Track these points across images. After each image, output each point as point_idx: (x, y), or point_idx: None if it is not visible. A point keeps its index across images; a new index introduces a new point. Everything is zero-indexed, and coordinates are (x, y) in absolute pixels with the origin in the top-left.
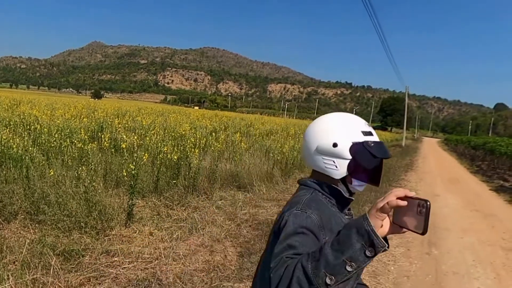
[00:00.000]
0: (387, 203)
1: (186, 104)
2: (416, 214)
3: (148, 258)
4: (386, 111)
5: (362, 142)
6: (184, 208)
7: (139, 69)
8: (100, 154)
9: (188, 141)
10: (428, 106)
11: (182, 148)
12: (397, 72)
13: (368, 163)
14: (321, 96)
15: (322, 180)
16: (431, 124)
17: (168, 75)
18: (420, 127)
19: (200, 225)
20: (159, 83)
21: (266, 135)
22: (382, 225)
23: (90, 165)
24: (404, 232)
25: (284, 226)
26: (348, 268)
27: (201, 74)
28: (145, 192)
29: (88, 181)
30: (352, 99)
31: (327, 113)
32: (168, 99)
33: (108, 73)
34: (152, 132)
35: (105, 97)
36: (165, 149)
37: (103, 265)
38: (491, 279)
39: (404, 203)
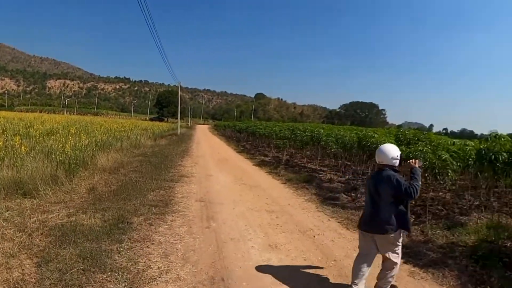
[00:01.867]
0: (416, 165)
1: None
2: (419, 165)
3: None
4: (162, 103)
5: (400, 154)
6: None
7: None
8: None
9: None
10: (200, 97)
11: None
12: (170, 71)
13: (401, 159)
14: (100, 91)
15: (390, 167)
16: (202, 113)
17: None
18: (193, 116)
19: None
20: None
21: (47, 135)
22: None
23: None
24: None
25: (398, 181)
26: (420, 178)
27: None
28: None
29: None
30: (130, 93)
31: (107, 107)
32: None
33: None
34: None
35: None
36: None
37: None
38: (261, 238)
39: (418, 163)
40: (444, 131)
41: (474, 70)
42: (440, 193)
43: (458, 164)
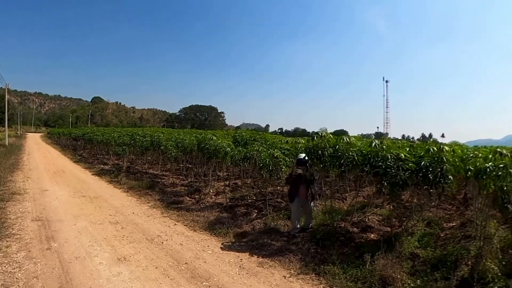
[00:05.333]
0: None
1: None
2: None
3: None
4: None
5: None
6: None
7: None
8: None
9: None
10: (30, 101)
11: None
12: None
13: (307, 162)
14: None
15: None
16: (33, 119)
17: None
18: (23, 123)
19: None
20: None
21: None
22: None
23: None
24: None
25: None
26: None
27: None
28: None
29: None
30: None
31: None
32: None
33: None
34: None
35: None
36: None
37: None
38: (108, 252)
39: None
40: (279, 131)
41: (306, 74)
42: (278, 187)
43: (291, 160)
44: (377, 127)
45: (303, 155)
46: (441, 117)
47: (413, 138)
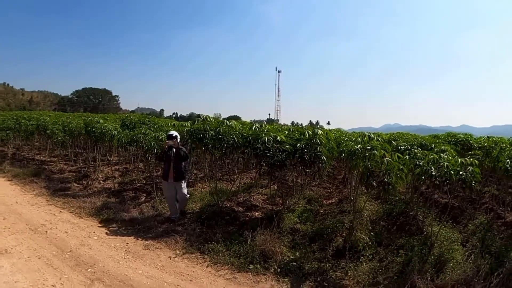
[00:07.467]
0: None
1: None
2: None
3: None
4: None
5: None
6: None
7: None
8: None
9: None
10: None
11: None
12: None
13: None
14: None
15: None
16: None
17: None
18: None
19: None
20: None
21: None
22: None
23: None
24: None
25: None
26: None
27: None
28: None
29: None
30: None
31: None
32: None
33: None
34: None
35: None
36: None
37: None
38: None
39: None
40: (174, 115)
41: (203, 61)
42: None
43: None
44: (269, 114)
45: (172, 131)
46: (328, 107)
47: (301, 124)
